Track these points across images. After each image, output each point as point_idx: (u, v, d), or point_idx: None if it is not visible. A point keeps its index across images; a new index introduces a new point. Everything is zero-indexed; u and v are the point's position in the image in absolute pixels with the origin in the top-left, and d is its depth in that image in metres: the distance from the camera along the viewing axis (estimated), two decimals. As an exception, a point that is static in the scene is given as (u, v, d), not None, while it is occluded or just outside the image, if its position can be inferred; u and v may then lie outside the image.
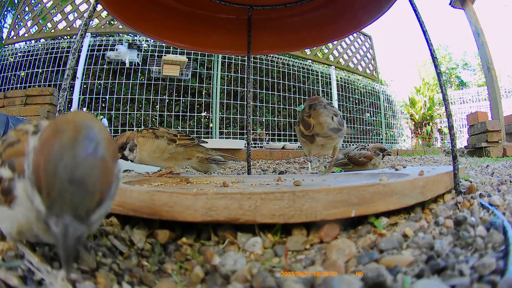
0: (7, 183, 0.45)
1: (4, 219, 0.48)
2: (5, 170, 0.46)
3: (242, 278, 0.51)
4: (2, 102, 3.83)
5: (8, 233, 0.50)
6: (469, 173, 1.56)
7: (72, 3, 4.88)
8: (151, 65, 4.50)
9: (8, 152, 0.47)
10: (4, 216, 0.48)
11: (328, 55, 5.94)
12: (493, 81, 4.82)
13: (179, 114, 4.60)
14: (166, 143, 1.26)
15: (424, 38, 0.95)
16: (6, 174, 0.46)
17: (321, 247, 0.62)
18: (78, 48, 0.96)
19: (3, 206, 0.47)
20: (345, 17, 1.50)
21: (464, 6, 5.04)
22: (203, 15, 1.60)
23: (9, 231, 0.49)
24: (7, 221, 0.48)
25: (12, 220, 0.47)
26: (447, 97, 0.95)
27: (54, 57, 4.45)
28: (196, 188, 1.01)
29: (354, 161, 1.83)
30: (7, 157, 0.47)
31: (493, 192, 0.92)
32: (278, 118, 5.20)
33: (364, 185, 0.67)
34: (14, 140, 0.47)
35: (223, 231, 0.67)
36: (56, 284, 0.46)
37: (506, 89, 9.56)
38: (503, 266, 0.46)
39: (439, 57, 9.35)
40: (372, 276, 0.45)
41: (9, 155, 0.46)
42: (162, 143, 1.25)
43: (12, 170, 0.45)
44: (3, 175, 0.46)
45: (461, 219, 0.63)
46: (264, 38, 1.73)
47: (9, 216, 0.46)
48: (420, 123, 9.45)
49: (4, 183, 0.45)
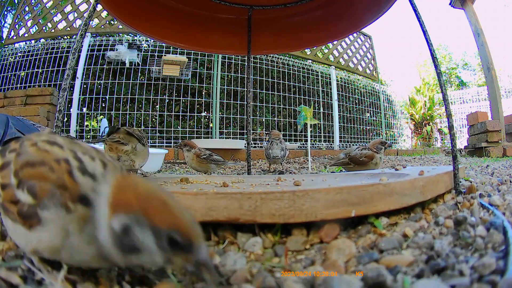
0: (26, 208, 0.42)
1: (20, 236, 0.46)
2: (23, 194, 0.43)
3: (242, 278, 0.51)
4: (2, 102, 3.84)
5: (22, 247, 0.48)
6: (469, 173, 1.56)
7: (72, 3, 4.88)
8: (151, 65, 4.50)
9: (27, 173, 0.44)
10: (20, 234, 0.45)
11: (328, 55, 5.94)
12: (493, 81, 4.82)
13: (179, 114, 4.60)
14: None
15: (424, 38, 0.95)
16: (24, 198, 0.43)
17: (321, 247, 0.61)
18: (78, 48, 0.96)
19: (19, 225, 0.44)
20: (345, 17, 1.50)
21: (464, 6, 5.05)
22: (203, 15, 1.60)
23: (22, 246, 0.47)
24: (22, 239, 0.46)
25: (29, 240, 0.44)
26: (447, 97, 0.95)
27: (54, 57, 4.45)
28: (196, 188, 1.01)
29: (355, 161, 1.83)
30: (27, 178, 0.44)
31: (493, 192, 0.92)
32: (278, 118, 5.20)
33: (364, 185, 0.67)
34: (36, 160, 0.45)
35: (223, 231, 0.67)
36: (56, 284, 0.46)
37: (506, 89, 9.56)
38: (503, 266, 0.46)
39: (439, 57, 9.36)
40: (372, 276, 0.45)
41: (29, 176, 0.44)
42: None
43: (33, 196, 0.42)
44: (21, 198, 0.43)
45: (461, 219, 0.63)
46: (264, 38, 1.74)
47: (26, 235, 0.44)
48: (420, 123, 9.45)
49: (23, 207, 0.43)
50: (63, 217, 0.41)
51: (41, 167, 0.44)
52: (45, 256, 0.46)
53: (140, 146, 1.35)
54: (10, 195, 0.44)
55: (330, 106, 5.68)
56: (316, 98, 5.59)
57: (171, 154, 3.83)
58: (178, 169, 2.98)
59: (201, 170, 2.06)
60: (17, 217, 0.43)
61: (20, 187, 0.43)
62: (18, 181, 0.44)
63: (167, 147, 4.01)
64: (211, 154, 2.05)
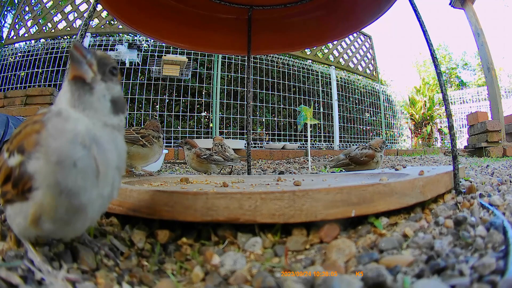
0: (18, 170, 0.46)
1: (17, 215, 0.49)
2: (14, 158, 0.47)
3: (242, 278, 0.51)
4: (2, 102, 3.83)
5: (21, 228, 0.50)
6: (469, 173, 1.56)
7: (72, 3, 4.88)
8: (151, 65, 4.50)
9: (15, 141, 0.48)
10: (17, 212, 0.48)
11: (328, 55, 5.94)
12: (493, 81, 4.82)
13: (179, 114, 4.60)
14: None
15: (424, 38, 0.95)
16: (15, 160, 0.46)
17: (321, 247, 0.61)
18: (78, 48, 0.96)
19: (15, 204, 0.48)
20: (345, 17, 1.50)
21: (464, 6, 5.04)
22: (203, 15, 1.60)
23: (23, 226, 0.49)
24: (21, 216, 0.48)
25: (26, 211, 0.47)
26: (447, 97, 0.95)
27: (54, 57, 4.45)
28: (196, 188, 1.01)
29: (356, 161, 1.83)
30: (15, 144, 0.48)
31: (493, 192, 0.92)
32: (278, 118, 5.20)
33: (364, 185, 0.67)
34: (21, 128, 0.49)
35: (223, 231, 0.67)
36: (56, 284, 0.46)
37: (506, 89, 9.56)
38: (503, 266, 0.46)
39: (439, 57, 9.36)
40: (372, 276, 0.45)
41: (17, 142, 0.48)
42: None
43: (21, 153, 0.46)
44: (13, 163, 0.47)
45: (461, 219, 0.63)
46: (264, 38, 1.73)
47: (23, 209, 0.47)
48: (420, 123, 9.45)
49: (14, 172, 0.46)
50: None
51: (24, 129, 0.48)
52: (44, 226, 0.47)
53: (136, 148, 1.32)
54: (4, 171, 0.49)
55: (330, 106, 5.68)
56: (316, 98, 5.59)
57: (171, 154, 3.83)
58: (178, 169, 2.98)
59: (201, 170, 2.06)
60: (12, 191, 0.47)
61: (11, 155, 0.48)
62: (9, 153, 0.48)
63: (167, 147, 4.01)
64: (211, 154, 2.05)
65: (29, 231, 0.49)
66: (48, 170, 0.44)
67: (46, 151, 0.44)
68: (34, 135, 0.45)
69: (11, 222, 0.51)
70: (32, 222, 0.47)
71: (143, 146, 1.36)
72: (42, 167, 0.44)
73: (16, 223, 0.50)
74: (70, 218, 0.47)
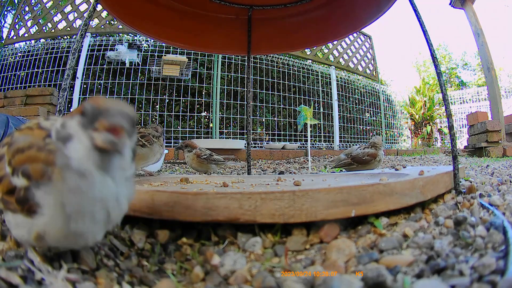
0: (23, 192, 0.44)
1: (20, 227, 0.47)
2: (18, 179, 0.44)
3: (242, 278, 0.51)
4: (2, 102, 3.84)
5: (24, 240, 0.49)
6: (469, 173, 1.56)
7: (72, 3, 4.88)
8: (151, 65, 4.49)
9: (18, 159, 0.46)
10: (20, 223, 0.47)
11: (328, 55, 5.94)
12: (493, 81, 4.82)
13: (179, 114, 4.60)
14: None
15: (424, 38, 0.95)
16: (20, 182, 0.44)
17: (321, 247, 0.61)
18: (78, 48, 0.96)
19: (18, 214, 0.46)
20: (345, 17, 1.50)
21: (464, 6, 5.05)
22: (203, 15, 1.60)
23: (26, 238, 0.48)
24: (24, 229, 0.47)
25: (30, 227, 0.46)
26: (447, 97, 0.95)
27: (54, 57, 4.45)
28: (196, 188, 1.01)
29: (358, 160, 1.82)
30: (19, 164, 0.45)
31: (493, 192, 0.92)
32: (278, 118, 5.20)
33: (364, 185, 0.67)
34: (25, 145, 0.46)
35: (223, 231, 0.67)
36: (56, 284, 0.45)
37: (506, 89, 9.55)
38: (503, 266, 0.46)
39: (439, 57, 9.35)
40: (372, 276, 0.45)
41: (21, 161, 0.45)
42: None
43: (27, 178, 0.44)
44: (17, 184, 0.45)
45: (461, 219, 0.63)
46: (264, 38, 1.73)
47: (26, 223, 0.45)
48: (420, 123, 9.45)
49: (20, 192, 0.44)
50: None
51: (30, 149, 0.45)
52: (48, 241, 0.47)
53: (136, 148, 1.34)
54: (7, 185, 0.46)
55: (330, 106, 5.68)
56: (316, 98, 5.59)
57: (171, 154, 3.83)
58: (178, 169, 2.98)
59: (201, 170, 2.06)
60: (16, 206, 0.45)
61: (15, 174, 0.45)
62: (12, 169, 0.46)
63: (167, 147, 4.01)
64: (211, 154, 2.05)
65: (31, 243, 0.49)
66: (59, 209, 0.43)
67: (61, 196, 0.43)
68: (42, 165, 0.43)
69: (11, 228, 0.50)
70: (36, 239, 0.46)
71: (142, 146, 1.37)
72: (51, 204, 0.43)
73: (18, 234, 0.49)
74: (75, 240, 0.47)
